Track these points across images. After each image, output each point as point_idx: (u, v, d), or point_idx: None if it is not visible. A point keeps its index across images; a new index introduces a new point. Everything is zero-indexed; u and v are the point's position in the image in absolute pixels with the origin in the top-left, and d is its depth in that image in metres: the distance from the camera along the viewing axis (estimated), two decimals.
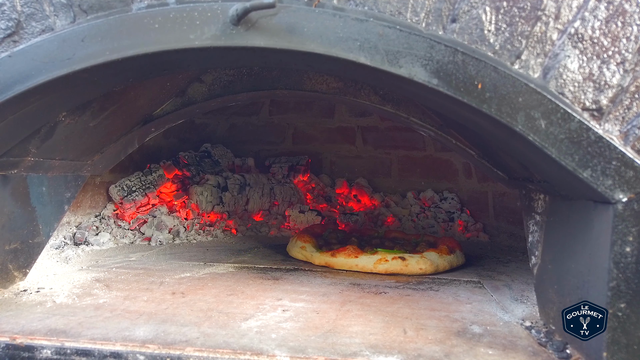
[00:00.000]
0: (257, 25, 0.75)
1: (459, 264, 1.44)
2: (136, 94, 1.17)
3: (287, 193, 2.23)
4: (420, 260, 1.34)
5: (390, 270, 1.32)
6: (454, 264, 1.42)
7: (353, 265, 1.36)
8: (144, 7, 0.81)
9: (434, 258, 1.37)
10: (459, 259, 1.45)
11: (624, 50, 0.71)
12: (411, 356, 0.77)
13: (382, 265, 1.33)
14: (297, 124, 2.47)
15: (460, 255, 1.47)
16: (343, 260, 1.38)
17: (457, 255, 1.45)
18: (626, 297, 0.69)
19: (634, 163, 0.69)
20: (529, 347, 0.82)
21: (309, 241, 1.52)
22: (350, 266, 1.37)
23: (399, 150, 2.39)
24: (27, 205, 1.11)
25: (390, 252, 1.40)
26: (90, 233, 1.64)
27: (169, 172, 2.04)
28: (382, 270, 1.33)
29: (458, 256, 1.45)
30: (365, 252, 1.41)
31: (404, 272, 1.32)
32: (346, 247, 1.42)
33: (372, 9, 0.77)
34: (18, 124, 0.92)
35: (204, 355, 0.76)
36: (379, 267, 1.33)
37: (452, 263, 1.41)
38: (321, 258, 1.43)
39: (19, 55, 0.82)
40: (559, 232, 0.87)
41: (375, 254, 1.38)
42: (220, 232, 1.94)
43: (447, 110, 0.92)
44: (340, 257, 1.39)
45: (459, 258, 1.45)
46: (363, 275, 1.34)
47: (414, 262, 1.33)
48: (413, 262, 1.33)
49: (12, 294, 1.06)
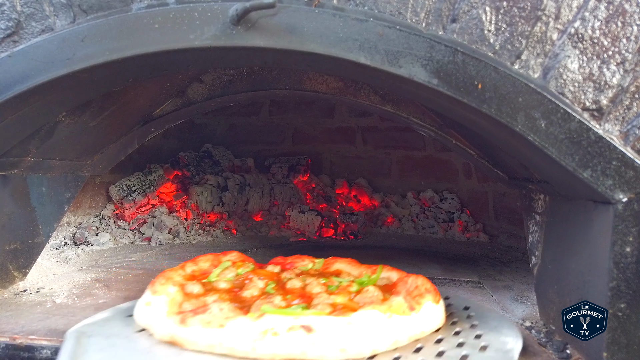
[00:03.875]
0: (257, 25, 0.75)
1: (432, 328, 0.81)
2: (136, 94, 1.17)
3: (287, 193, 2.23)
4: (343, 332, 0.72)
5: (282, 355, 0.70)
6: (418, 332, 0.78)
7: (215, 344, 0.72)
8: (144, 7, 0.80)
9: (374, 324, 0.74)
10: (430, 319, 0.81)
11: (624, 50, 0.71)
12: None
13: (266, 343, 0.71)
14: (297, 124, 2.47)
15: (433, 311, 0.82)
16: (199, 331, 0.74)
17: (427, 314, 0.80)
18: (626, 297, 0.69)
19: (634, 163, 0.69)
20: (529, 347, 0.82)
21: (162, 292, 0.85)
22: (211, 345, 0.73)
23: (399, 150, 2.39)
24: (27, 206, 1.11)
25: (289, 314, 0.76)
26: (90, 233, 1.64)
27: (168, 172, 2.04)
28: (266, 355, 0.70)
29: (428, 315, 0.80)
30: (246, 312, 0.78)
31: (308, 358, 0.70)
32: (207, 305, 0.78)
33: (372, 9, 0.77)
34: (18, 124, 0.92)
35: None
36: (259, 349, 0.71)
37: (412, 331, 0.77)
38: (165, 328, 0.77)
39: (19, 55, 0.82)
40: (559, 232, 0.87)
41: (259, 318, 0.74)
42: (220, 232, 1.94)
43: (447, 110, 0.92)
44: (194, 324, 0.75)
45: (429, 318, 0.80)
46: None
47: (329, 336, 0.71)
48: (328, 336, 0.71)
49: (12, 294, 1.06)
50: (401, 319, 0.76)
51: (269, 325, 0.72)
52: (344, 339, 0.71)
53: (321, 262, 1.07)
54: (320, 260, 1.07)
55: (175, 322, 0.76)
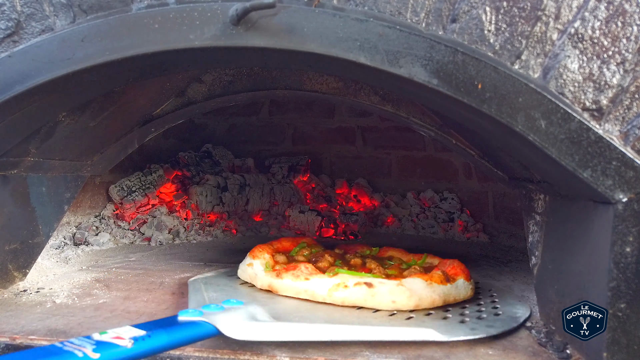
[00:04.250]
0: (257, 25, 0.75)
1: (461, 297, 1.02)
2: (136, 94, 1.17)
3: (287, 193, 2.23)
4: (394, 290, 0.94)
5: (350, 301, 0.95)
6: (450, 299, 0.99)
7: (301, 290, 0.98)
8: (144, 7, 0.81)
9: (418, 288, 0.96)
10: (461, 292, 1.02)
11: (624, 50, 0.71)
12: (411, 356, 0.77)
13: (339, 292, 0.95)
14: (297, 124, 2.47)
15: (463, 286, 1.03)
16: (289, 283, 1.00)
17: (459, 287, 1.02)
18: (626, 297, 0.69)
19: (634, 163, 0.69)
20: (529, 347, 0.82)
21: (260, 256, 1.15)
22: (298, 292, 0.99)
23: (399, 150, 2.39)
24: (26, 206, 1.11)
25: (354, 274, 1.03)
26: (90, 233, 1.64)
27: (168, 172, 2.04)
28: (338, 300, 0.95)
29: (460, 287, 1.02)
30: (322, 272, 1.05)
31: (369, 306, 0.94)
32: (297, 265, 1.05)
33: (372, 9, 0.77)
34: (18, 124, 0.92)
35: (203, 355, 0.76)
36: (334, 296, 0.96)
37: (446, 297, 0.98)
38: (264, 279, 1.05)
39: (18, 55, 0.82)
40: (559, 232, 0.87)
41: (334, 276, 1.00)
42: (220, 232, 1.94)
43: (447, 110, 0.92)
44: (287, 278, 1.01)
45: (460, 290, 1.02)
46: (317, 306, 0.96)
47: (384, 291, 0.94)
48: (384, 291, 0.94)
49: (12, 294, 1.06)
50: (438, 286, 0.98)
51: (341, 281, 0.97)
52: (395, 294, 0.94)
53: (377, 250, 1.34)
54: (376, 248, 1.35)
55: (272, 275, 1.04)
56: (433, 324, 0.87)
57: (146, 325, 0.68)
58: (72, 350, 0.57)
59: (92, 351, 0.57)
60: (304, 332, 0.77)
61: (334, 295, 0.96)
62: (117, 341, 0.61)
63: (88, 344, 0.59)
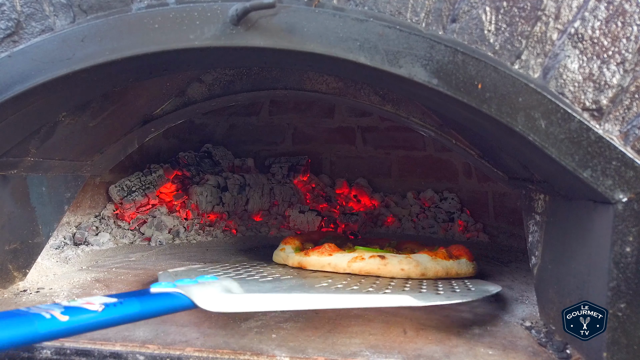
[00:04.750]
0: (257, 25, 0.75)
1: (462, 273, 1.21)
2: (136, 94, 1.17)
3: (287, 193, 2.23)
4: (403, 260, 1.15)
5: (366, 270, 1.15)
6: (452, 272, 1.19)
7: (325, 264, 1.20)
8: (144, 7, 0.81)
9: (424, 260, 1.17)
10: (463, 267, 1.22)
11: (624, 50, 0.71)
12: (411, 356, 0.77)
13: (356, 264, 1.16)
14: (297, 124, 2.47)
15: (465, 264, 1.23)
16: (316, 259, 1.22)
17: (461, 264, 1.22)
18: (626, 297, 0.69)
19: (634, 163, 0.69)
20: (529, 347, 0.82)
21: (291, 243, 1.39)
22: (323, 265, 1.21)
23: (399, 150, 2.39)
24: (26, 206, 1.11)
25: (370, 250, 1.24)
26: (90, 233, 1.64)
27: (168, 172, 2.04)
28: (356, 269, 1.16)
29: (462, 265, 1.22)
30: (343, 250, 1.26)
31: (381, 274, 1.15)
32: (322, 245, 1.27)
33: (372, 9, 0.77)
34: (18, 124, 0.92)
35: (203, 355, 0.76)
36: (353, 266, 1.16)
37: (448, 270, 1.18)
38: (295, 258, 1.28)
39: (18, 55, 0.82)
40: (559, 232, 0.87)
41: (352, 252, 1.23)
42: (220, 232, 1.94)
43: (447, 110, 0.92)
44: (313, 255, 1.23)
45: (462, 266, 1.22)
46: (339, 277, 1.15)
47: (395, 262, 1.15)
48: (394, 262, 1.15)
49: (12, 294, 1.06)
50: (442, 261, 1.19)
51: (359, 254, 1.19)
52: (404, 264, 1.15)
53: (395, 242, 1.52)
54: (394, 241, 1.53)
55: (301, 255, 1.27)
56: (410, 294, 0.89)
57: (118, 295, 0.68)
58: (39, 312, 0.57)
59: (60, 314, 0.57)
60: (275, 302, 0.78)
61: (352, 266, 1.17)
62: (87, 306, 0.61)
63: (57, 308, 0.59)
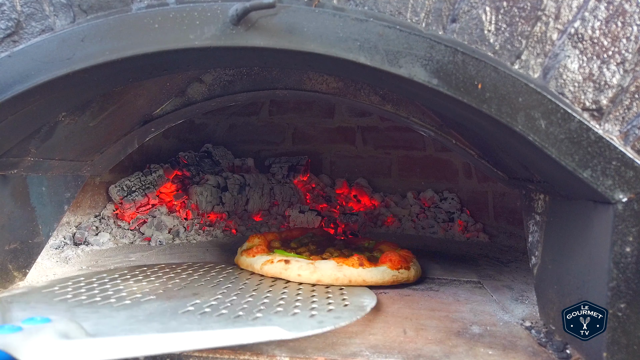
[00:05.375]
0: (257, 25, 0.75)
1: (374, 280, 1.15)
2: (136, 94, 1.17)
3: (287, 193, 2.23)
4: (303, 266, 1.16)
5: (272, 273, 1.19)
6: (359, 279, 1.14)
7: (248, 264, 1.27)
8: (144, 7, 0.80)
9: (326, 267, 1.15)
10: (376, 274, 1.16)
11: (624, 50, 0.71)
12: (411, 356, 0.77)
13: (267, 266, 1.21)
14: (297, 124, 2.47)
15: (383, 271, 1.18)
16: (244, 259, 1.30)
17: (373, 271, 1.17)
18: (626, 297, 0.69)
19: (634, 163, 0.69)
20: (529, 347, 0.82)
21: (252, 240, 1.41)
22: (246, 265, 1.27)
23: (399, 150, 2.39)
24: (26, 205, 1.11)
25: (284, 254, 1.27)
26: (90, 233, 1.64)
27: (168, 172, 2.04)
28: (265, 271, 1.21)
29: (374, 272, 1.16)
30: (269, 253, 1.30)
31: (283, 277, 1.18)
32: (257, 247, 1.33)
33: (372, 9, 0.77)
34: (18, 124, 0.92)
35: (203, 355, 0.76)
36: (264, 269, 1.21)
37: (353, 277, 1.14)
38: (237, 256, 1.36)
39: (18, 55, 0.82)
40: (559, 232, 0.87)
41: (269, 255, 1.27)
42: (220, 232, 1.94)
43: (447, 110, 0.92)
44: (243, 255, 1.31)
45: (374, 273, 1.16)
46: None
47: (295, 267, 1.17)
48: (294, 267, 1.17)
49: None
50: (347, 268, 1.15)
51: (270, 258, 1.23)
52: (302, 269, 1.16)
53: (373, 243, 1.53)
54: (373, 242, 1.54)
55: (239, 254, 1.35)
56: (280, 321, 0.82)
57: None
58: None
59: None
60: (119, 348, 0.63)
61: (263, 268, 1.21)
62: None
63: None
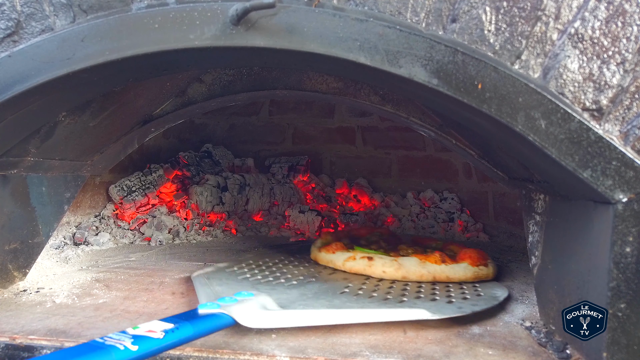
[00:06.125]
0: (257, 25, 0.75)
1: (457, 277, 1.20)
2: (136, 94, 1.17)
3: (287, 193, 2.23)
4: (387, 263, 1.21)
5: (355, 269, 1.26)
6: (443, 276, 1.19)
7: (329, 260, 1.34)
8: (144, 7, 0.80)
9: (410, 263, 1.20)
10: (457, 271, 1.21)
11: (624, 50, 0.71)
12: (411, 356, 0.77)
13: (349, 263, 1.27)
14: (297, 124, 2.47)
15: (464, 268, 1.22)
16: (323, 255, 1.37)
17: (455, 268, 1.22)
18: (626, 298, 0.69)
19: (634, 163, 0.69)
20: (529, 348, 0.82)
21: (323, 237, 1.49)
22: (327, 262, 1.34)
23: (399, 150, 2.39)
24: (26, 205, 1.11)
25: (367, 252, 1.33)
26: (90, 233, 1.64)
27: (168, 172, 2.04)
28: (348, 268, 1.27)
29: (456, 268, 1.22)
30: (348, 250, 1.37)
31: (367, 273, 1.23)
32: (334, 244, 1.39)
33: (372, 9, 0.77)
34: (18, 124, 0.92)
35: (203, 355, 0.76)
36: (346, 265, 1.28)
37: (437, 274, 1.19)
38: (314, 253, 1.43)
39: (18, 55, 0.82)
40: (559, 232, 0.87)
41: (349, 252, 1.34)
42: (220, 232, 1.94)
43: (447, 110, 0.92)
44: (322, 252, 1.38)
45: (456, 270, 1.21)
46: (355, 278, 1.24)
47: (379, 264, 1.22)
48: (378, 264, 1.22)
49: (12, 294, 1.06)
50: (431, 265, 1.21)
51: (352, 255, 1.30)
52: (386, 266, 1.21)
53: (441, 244, 1.53)
54: (440, 242, 1.55)
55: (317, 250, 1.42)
56: (424, 304, 0.96)
57: (172, 318, 0.75)
58: (113, 344, 0.64)
59: (131, 344, 0.64)
60: (308, 318, 0.86)
61: (346, 264, 1.27)
62: (150, 334, 0.68)
63: (126, 337, 0.66)
